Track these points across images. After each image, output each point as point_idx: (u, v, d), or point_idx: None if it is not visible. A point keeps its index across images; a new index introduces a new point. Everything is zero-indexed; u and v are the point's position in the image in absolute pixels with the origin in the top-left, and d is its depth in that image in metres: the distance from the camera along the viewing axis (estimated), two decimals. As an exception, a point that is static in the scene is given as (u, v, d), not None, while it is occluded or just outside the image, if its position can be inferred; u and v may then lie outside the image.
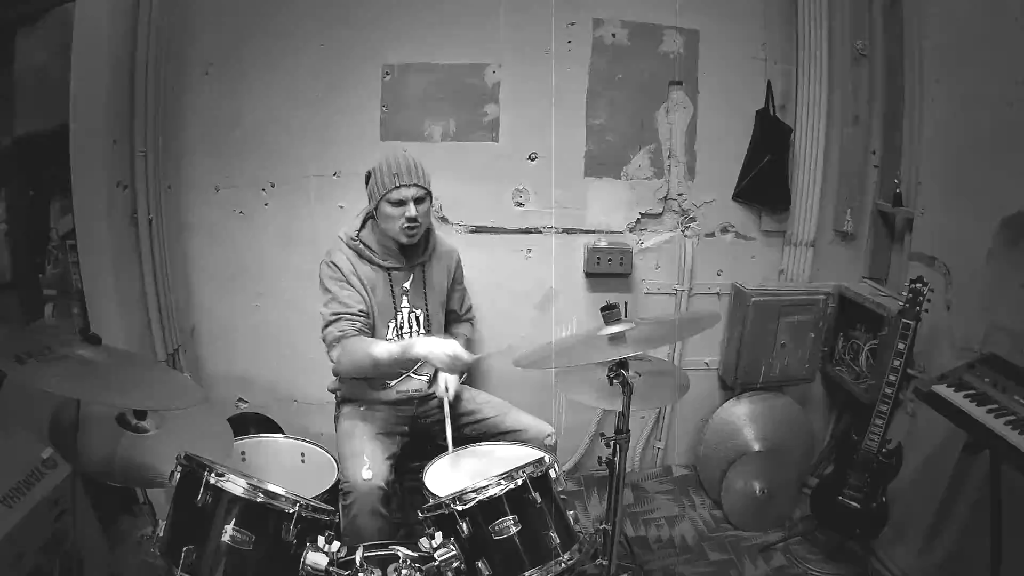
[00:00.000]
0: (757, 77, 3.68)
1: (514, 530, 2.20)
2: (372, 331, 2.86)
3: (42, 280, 3.46)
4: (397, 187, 2.74)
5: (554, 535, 2.25)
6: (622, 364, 2.38)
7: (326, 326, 2.82)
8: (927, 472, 3.07)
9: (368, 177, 2.83)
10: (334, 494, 2.61)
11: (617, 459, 2.48)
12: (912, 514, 3.11)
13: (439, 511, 2.23)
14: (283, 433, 3.18)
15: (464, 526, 2.18)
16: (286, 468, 2.76)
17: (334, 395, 3.09)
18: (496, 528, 2.20)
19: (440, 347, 2.68)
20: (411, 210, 2.76)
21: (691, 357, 3.89)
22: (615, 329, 2.46)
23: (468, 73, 3.55)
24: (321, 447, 2.82)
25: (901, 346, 2.87)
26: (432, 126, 3.58)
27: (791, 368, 3.73)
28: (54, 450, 2.55)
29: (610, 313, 2.48)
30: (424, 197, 2.80)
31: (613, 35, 3.58)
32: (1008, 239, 2.77)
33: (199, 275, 3.64)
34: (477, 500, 2.20)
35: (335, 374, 2.97)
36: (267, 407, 3.65)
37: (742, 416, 3.75)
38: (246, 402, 3.76)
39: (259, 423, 3.47)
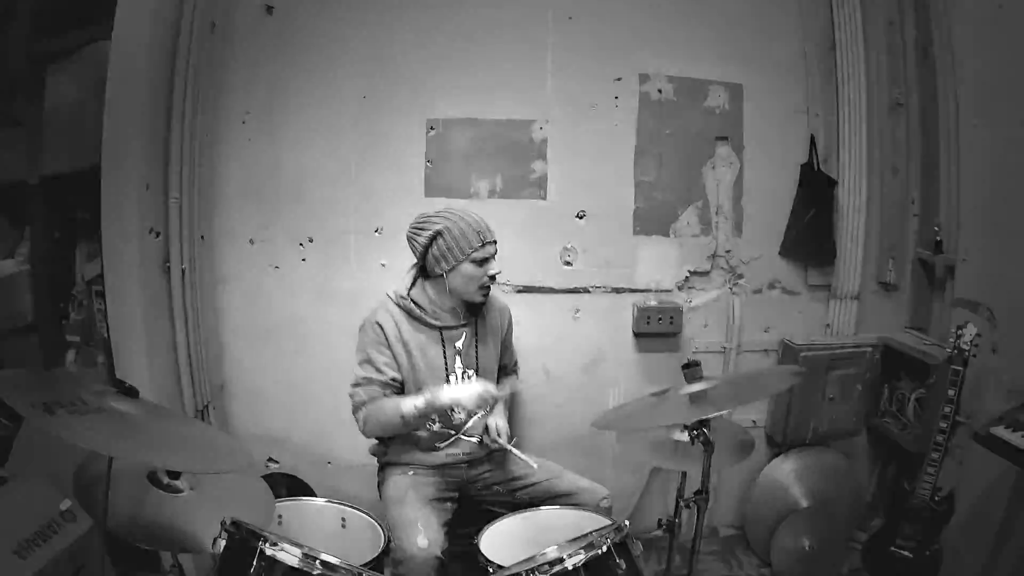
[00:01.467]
0: (800, 129, 3.47)
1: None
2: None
3: (66, 326, 3.17)
4: (483, 245, 2.52)
5: (634, 605, 1.94)
6: (703, 422, 2.10)
7: (355, 385, 2.60)
8: (977, 519, 2.89)
9: (432, 239, 2.52)
10: (379, 562, 2.31)
11: (696, 520, 2.17)
12: (962, 562, 2.91)
13: (512, 582, 1.92)
14: (315, 495, 2.92)
15: (539, 598, 1.87)
16: (326, 533, 2.46)
17: (376, 458, 2.79)
18: (575, 600, 1.88)
19: (466, 389, 2.52)
20: (494, 267, 2.58)
21: (738, 416, 3.51)
22: (697, 388, 2.17)
23: (515, 129, 3.34)
24: (364, 511, 2.51)
25: (951, 392, 2.69)
26: (478, 182, 3.35)
27: (839, 422, 3.47)
28: (77, 503, 2.27)
29: (692, 371, 2.20)
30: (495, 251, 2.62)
31: (659, 90, 3.39)
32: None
33: (232, 330, 3.34)
34: (555, 570, 1.88)
35: (364, 435, 2.68)
36: (298, 468, 3.33)
37: (789, 473, 3.47)
38: (277, 462, 3.42)
39: (290, 485, 3.20)
